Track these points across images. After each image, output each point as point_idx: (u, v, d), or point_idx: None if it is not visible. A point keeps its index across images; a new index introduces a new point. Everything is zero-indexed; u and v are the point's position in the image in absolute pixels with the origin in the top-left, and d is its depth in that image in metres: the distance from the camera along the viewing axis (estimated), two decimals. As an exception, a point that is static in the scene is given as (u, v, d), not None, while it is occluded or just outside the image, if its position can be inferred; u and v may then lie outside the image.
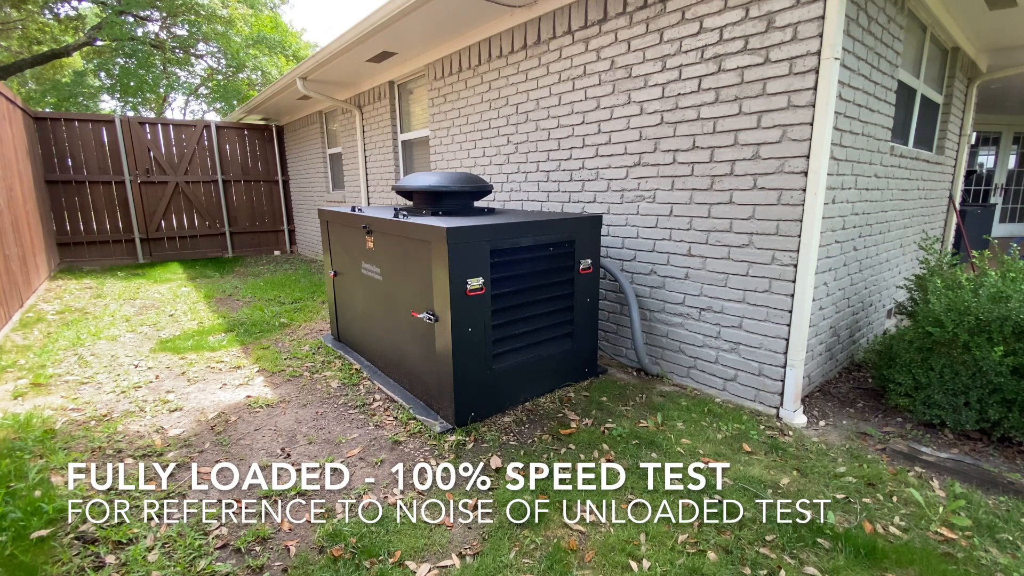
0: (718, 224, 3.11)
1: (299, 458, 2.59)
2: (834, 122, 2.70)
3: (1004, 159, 9.83)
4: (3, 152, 5.48)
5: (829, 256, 3.07)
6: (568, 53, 3.89)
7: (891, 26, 3.21)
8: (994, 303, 2.53)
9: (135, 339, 4.63)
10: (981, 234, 7.62)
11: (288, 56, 16.53)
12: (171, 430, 2.89)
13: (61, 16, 13.65)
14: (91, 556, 1.90)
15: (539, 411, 3.05)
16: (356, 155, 7.53)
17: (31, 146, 7.40)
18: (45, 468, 2.46)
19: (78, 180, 8.52)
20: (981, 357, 2.51)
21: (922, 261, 3.17)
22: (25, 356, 4.08)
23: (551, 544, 1.93)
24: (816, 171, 2.65)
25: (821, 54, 2.55)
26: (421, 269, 2.86)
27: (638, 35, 3.37)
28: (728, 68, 2.92)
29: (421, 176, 3.58)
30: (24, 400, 3.28)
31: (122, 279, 7.56)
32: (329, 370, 3.83)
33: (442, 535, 2.00)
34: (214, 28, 14.25)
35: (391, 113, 6.56)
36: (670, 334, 3.51)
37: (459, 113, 5.19)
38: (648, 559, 1.84)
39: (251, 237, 10.44)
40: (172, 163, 9.37)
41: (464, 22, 4.54)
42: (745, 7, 2.80)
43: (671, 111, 3.25)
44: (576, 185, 4.03)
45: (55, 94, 15.84)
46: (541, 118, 4.24)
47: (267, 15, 16.55)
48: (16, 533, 1.98)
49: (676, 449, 2.59)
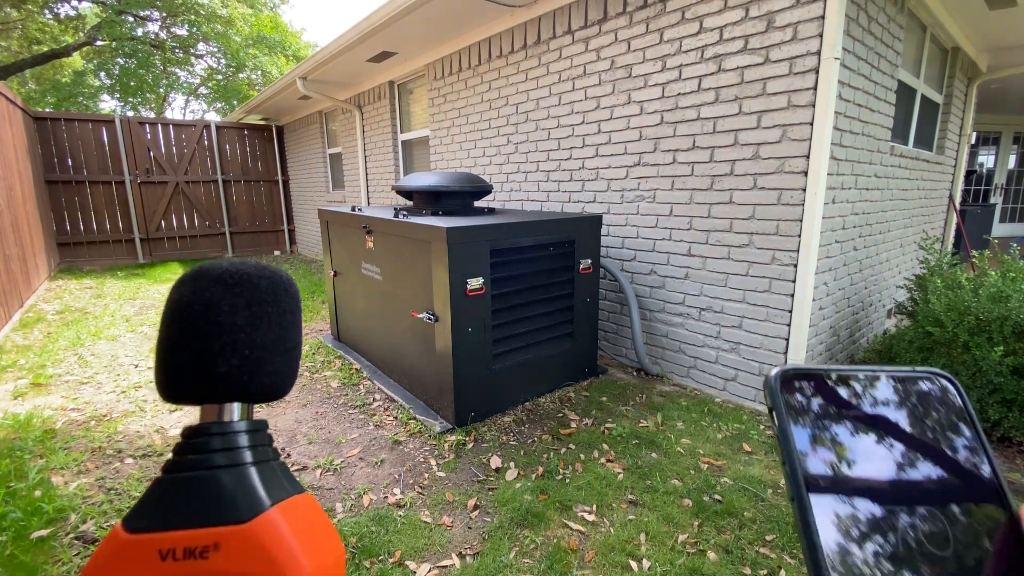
0: (718, 224, 3.11)
1: (299, 458, 2.59)
2: (834, 122, 2.70)
3: (1004, 159, 9.83)
4: (3, 152, 5.48)
5: (829, 256, 3.07)
6: (568, 53, 3.89)
7: (891, 26, 3.21)
8: (994, 303, 2.53)
9: (135, 339, 4.63)
10: (981, 234, 7.63)
11: (288, 56, 16.53)
12: (171, 430, 2.89)
13: (61, 16, 13.66)
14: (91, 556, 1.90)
15: (539, 411, 3.05)
16: (356, 155, 7.53)
17: (31, 146, 7.40)
18: (45, 468, 2.46)
19: (78, 180, 8.52)
20: (981, 357, 2.51)
21: (922, 261, 3.17)
22: (25, 356, 4.08)
23: (551, 544, 1.93)
24: (816, 171, 2.65)
25: (821, 54, 2.55)
26: (421, 269, 2.86)
27: (638, 35, 3.37)
28: (728, 68, 2.92)
29: (421, 176, 3.58)
30: (24, 400, 3.28)
31: (122, 279, 7.56)
32: (329, 370, 3.83)
33: (442, 535, 2.00)
34: (214, 28, 14.25)
35: (391, 113, 6.56)
36: (670, 334, 3.51)
37: (459, 113, 5.19)
38: (648, 559, 1.84)
39: (251, 237, 10.44)
40: (172, 163, 9.37)
41: (464, 22, 4.54)
42: (745, 7, 2.80)
43: (671, 111, 3.25)
44: (576, 185, 4.03)
45: (55, 94, 15.84)
46: (541, 118, 4.24)
47: (267, 15, 16.55)
48: (16, 533, 1.98)
49: (676, 449, 2.59)
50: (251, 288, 0.20)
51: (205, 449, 0.19)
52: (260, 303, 0.20)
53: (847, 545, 0.19)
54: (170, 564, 0.16)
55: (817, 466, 0.21)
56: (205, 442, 0.19)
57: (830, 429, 0.22)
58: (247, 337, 0.19)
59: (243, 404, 0.20)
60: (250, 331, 0.20)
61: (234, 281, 0.20)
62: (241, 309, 0.19)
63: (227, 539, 0.16)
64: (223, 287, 0.19)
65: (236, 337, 0.19)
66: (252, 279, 0.20)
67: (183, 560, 0.16)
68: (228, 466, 0.18)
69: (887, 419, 0.22)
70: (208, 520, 0.17)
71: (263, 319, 0.20)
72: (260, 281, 0.20)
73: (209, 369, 0.19)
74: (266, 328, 0.20)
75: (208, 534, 0.16)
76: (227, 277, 0.19)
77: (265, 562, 0.16)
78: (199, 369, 0.19)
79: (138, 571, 0.16)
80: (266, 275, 0.20)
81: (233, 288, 0.19)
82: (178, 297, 0.20)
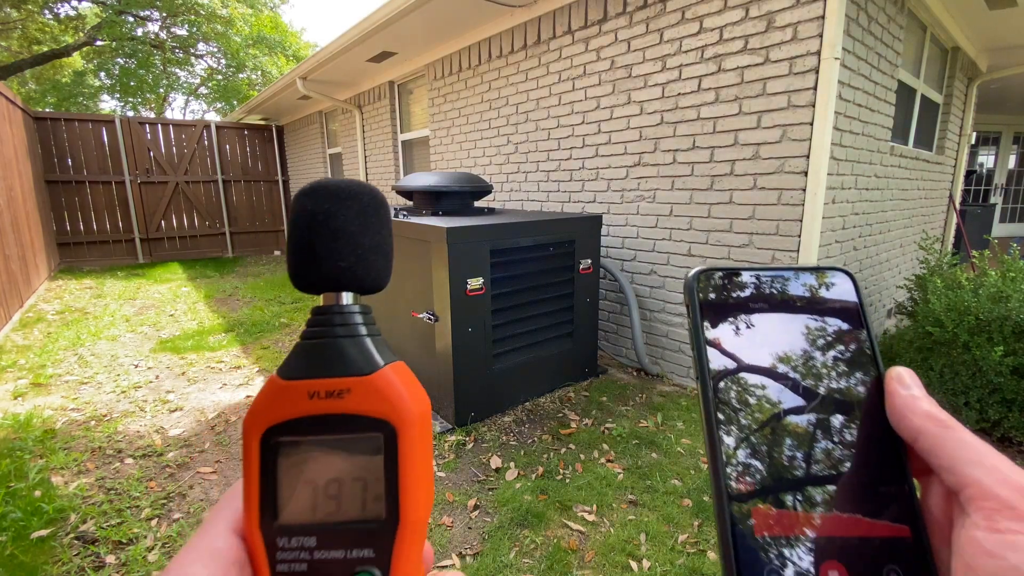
0: (718, 224, 3.11)
1: (299, 458, 2.59)
2: (834, 122, 2.70)
3: (1004, 159, 9.83)
4: (3, 152, 5.48)
5: (829, 256, 3.07)
6: (568, 53, 3.89)
7: (891, 26, 3.21)
8: (994, 303, 2.53)
9: (135, 339, 4.63)
10: (981, 234, 7.62)
11: (288, 56, 16.52)
12: (171, 430, 2.89)
13: (61, 16, 13.65)
14: (91, 556, 1.90)
15: (539, 411, 3.05)
16: (356, 155, 7.53)
17: (31, 146, 7.40)
18: (45, 468, 2.46)
19: (78, 180, 8.52)
20: (981, 357, 2.51)
21: (922, 261, 3.17)
22: (25, 356, 4.08)
23: (551, 544, 1.93)
24: (816, 171, 2.65)
25: (821, 54, 2.55)
26: (421, 269, 2.86)
27: (638, 35, 3.37)
28: (728, 68, 2.92)
29: (421, 176, 3.58)
30: (24, 400, 3.28)
31: (122, 279, 7.56)
32: (329, 370, 3.83)
33: (442, 535, 2.00)
34: (214, 28, 14.25)
35: (391, 113, 6.56)
36: (670, 334, 3.51)
37: (459, 113, 5.19)
38: (648, 559, 1.84)
39: (251, 237, 10.44)
40: (172, 163, 9.37)
41: (464, 22, 4.54)
42: (745, 7, 2.80)
43: (671, 111, 3.25)
44: (576, 185, 4.03)
45: (55, 94, 15.84)
46: (541, 118, 4.24)
47: (267, 15, 16.55)
48: (16, 533, 1.98)
49: (676, 449, 2.59)
50: (358, 201, 0.26)
51: (330, 324, 0.25)
52: (365, 214, 0.26)
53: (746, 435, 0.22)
54: (317, 401, 0.23)
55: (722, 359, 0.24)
56: (330, 319, 0.25)
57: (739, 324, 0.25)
58: (358, 240, 0.25)
59: (354, 294, 0.26)
60: (360, 235, 0.26)
61: (346, 196, 0.26)
62: (353, 218, 0.25)
63: (356, 385, 0.23)
64: (338, 200, 0.25)
65: (350, 239, 0.25)
66: (359, 194, 0.26)
67: (326, 399, 0.23)
68: (349, 336, 0.24)
69: (789, 314, 0.26)
70: (341, 373, 0.23)
71: (368, 227, 0.26)
72: (363, 196, 0.26)
73: (332, 264, 0.25)
74: (371, 234, 0.26)
75: (343, 381, 0.23)
76: (340, 192, 0.25)
77: (385, 403, 0.23)
78: (324, 264, 0.25)
79: (295, 405, 0.23)
80: (367, 191, 0.26)
81: (346, 201, 0.25)
82: (303, 207, 0.25)
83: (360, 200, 0.26)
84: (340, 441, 0.23)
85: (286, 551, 0.22)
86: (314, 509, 0.23)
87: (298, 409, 0.23)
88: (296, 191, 0.26)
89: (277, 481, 0.23)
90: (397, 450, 0.23)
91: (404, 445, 0.23)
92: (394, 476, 0.23)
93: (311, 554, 0.22)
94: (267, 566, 0.22)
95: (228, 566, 0.20)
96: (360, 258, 0.25)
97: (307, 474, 0.23)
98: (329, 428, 0.23)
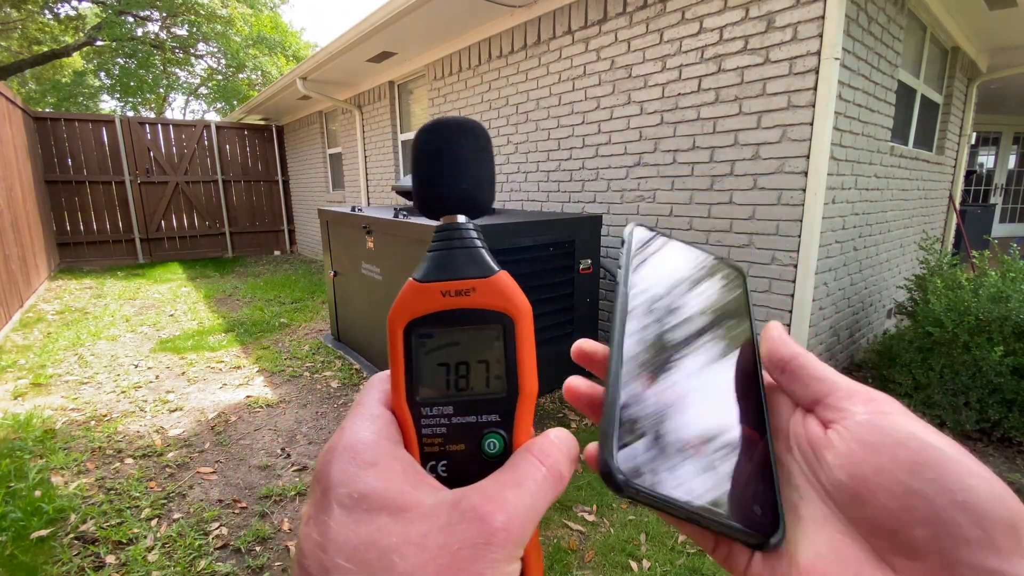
0: (718, 224, 3.11)
1: (299, 458, 2.59)
2: (834, 122, 2.70)
3: (1004, 159, 9.84)
4: (3, 152, 5.48)
5: (829, 256, 3.07)
6: (568, 53, 3.89)
7: (891, 26, 3.21)
8: (994, 303, 2.53)
9: (135, 339, 4.63)
10: (981, 234, 7.62)
11: (288, 56, 16.53)
12: (171, 430, 2.89)
13: (61, 16, 13.65)
14: (91, 556, 1.90)
15: (539, 411, 3.05)
16: (356, 155, 7.53)
17: (31, 146, 7.40)
18: (45, 468, 2.46)
19: (78, 180, 8.52)
20: (981, 357, 2.51)
21: (922, 261, 3.17)
22: (25, 356, 4.08)
23: (551, 544, 1.93)
24: (816, 171, 2.65)
25: (821, 54, 2.55)
26: (421, 269, 2.86)
27: (638, 35, 3.37)
28: (728, 68, 2.92)
29: (421, 176, 3.58)
30: (24, 400, 3.28)
31: (122, 279, 7.56)
32: (329, 370, 3.83)
33: (442, 535, 1.99)
34: (214, 28, 14.25)
35: (391, 113, 6.56)
36: (670, 334, 3.51)
37: (459, 113, 5.19)
38: (648, 559, 1.84)
39: (251, 237, 10.44)
40: (172, 163, 9.37)
41: (464, 22, 4.54)
42: (745, 7, 2.80)
43: (671, 111, 3.25)
44: (576, 185, 4.03)
45: (55, 94, 15.84)
46: (541, 118, 4.24)
47: (267, 15, 16.55)
48: (16, 533, 1.98)
49: (676, 449, 2.59)
50: (473, 135, 0.30)
51: (455, 237, 0.29)
52: (478, 147, 0.30)
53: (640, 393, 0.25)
54: (448, 299, 0.27)
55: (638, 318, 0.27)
56: (450, 233, 0.29)
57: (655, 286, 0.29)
58: (474, 168, 0.30)
59: (467, 217, 0.30)
60: (475, 165, 0.30)
61: (463, 130, 0.29)
62: (468, 149, 0.29)
63: (480, 285, 0.27)
64: (458, 133, 0.29)
65: (468, 168, 0.29)
66: (473, 129, 0.30)
67: (455, 296, 0.27)
68: (470, 247, 0.28)
69: (697, 290, 0.31)
70: (467, 275, 0.27)
71: (481, 157, 0.30)
72: (477, 130, 0.30)
73: (456, 187, 0.29)
74: (483, 164, 0.30)
75: (468, 283, 0.27)
76: (457, 127, 0.29)
77: (503, 299, 0.27)
78: (449, 188, 0.29)
79: (430, 302, 0.27)
80: (480, 128, 0.30)
81: (464, 135, 0.29)
82: (426, 140, 0.29)
83: (475, 134, 0.30)
84: (468, 331, 0.27)
85: (429, 418, 0.27)
86: (449, 386, 0.27)
87: (433, 305, 0.27)
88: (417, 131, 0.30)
89: (419, 365, 0.27)
90: (515, 337, 0.27)
91: (519, 333, 0.27)
92: (512, 358, 0.27)
93: (449, 419, 0.27)
94: (414, 430, 0.27)
95: (386, 424, 0.25)
96: (475, 184, 0.30)
97: (442, 358, 0.27)
98: (458, 320, 0.27)
